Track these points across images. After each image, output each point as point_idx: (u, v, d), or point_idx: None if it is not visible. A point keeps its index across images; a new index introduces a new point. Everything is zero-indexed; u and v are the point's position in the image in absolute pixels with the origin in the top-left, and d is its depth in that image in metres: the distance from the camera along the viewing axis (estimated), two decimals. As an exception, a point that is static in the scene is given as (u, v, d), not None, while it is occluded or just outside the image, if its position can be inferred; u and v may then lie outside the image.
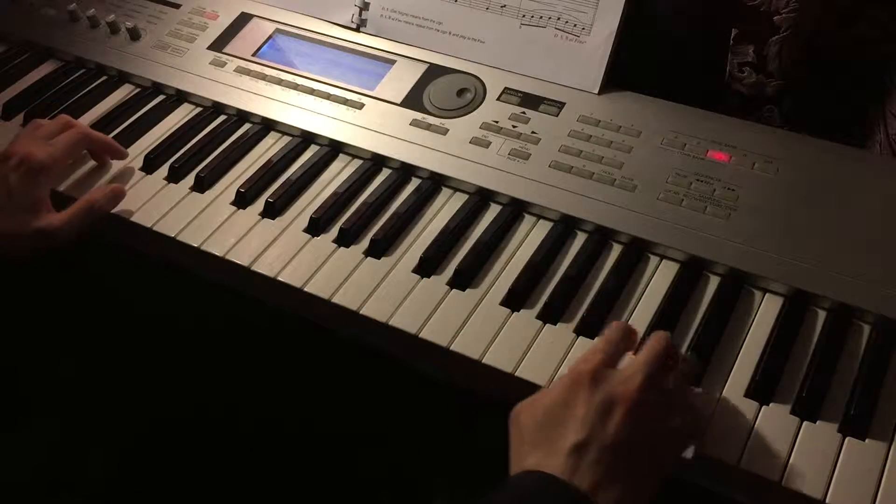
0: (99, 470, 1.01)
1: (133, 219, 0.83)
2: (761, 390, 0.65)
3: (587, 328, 0.70)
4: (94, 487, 0.99)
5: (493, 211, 0.81)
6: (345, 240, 0.79)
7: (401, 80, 0.92)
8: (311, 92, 0.92)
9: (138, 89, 0.99)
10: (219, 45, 0.99)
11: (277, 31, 1.00)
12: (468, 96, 0.89)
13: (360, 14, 0.97)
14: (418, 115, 0.88)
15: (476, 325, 0.71)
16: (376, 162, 0.87)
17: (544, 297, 0.73)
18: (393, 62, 0.94)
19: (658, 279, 0.74)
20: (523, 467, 0.56)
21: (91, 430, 1.03)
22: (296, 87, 0.93)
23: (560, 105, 0.87)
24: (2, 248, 0.79)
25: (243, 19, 1.01)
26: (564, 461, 0.55)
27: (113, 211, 0.84)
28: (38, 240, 0.79)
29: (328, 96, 0.92)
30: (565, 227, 0.79)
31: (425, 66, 0.93)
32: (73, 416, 1.04)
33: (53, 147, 0.84)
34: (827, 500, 0.59)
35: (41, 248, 0.81)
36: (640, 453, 0.56)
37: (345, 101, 0.91)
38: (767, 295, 0.72)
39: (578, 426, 0.56)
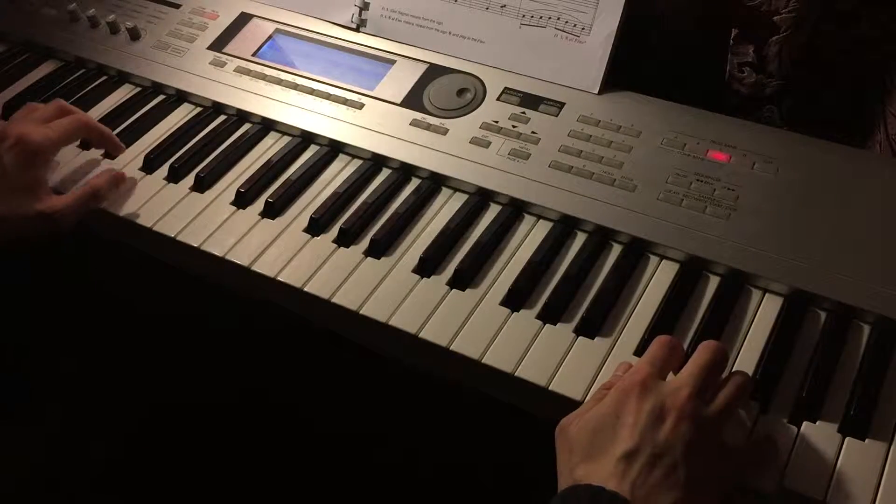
0: (99, 467, 1.01)
1: (133, 219, 0.83)
2: (761, 390, 0.65)
3: (587, 328, 0.70)
4: (93, 485, 0.99)
5: (493, 211, 0.81)
6: (345, 240, 0.79)
7: (401, 80, 0.92)
8: (311, 92, 0.92)
9: (138, 89, 0.99)
10: (219, 45, 0.99)
11: (277, 31, 1.00)
12: (468, 96, 0.89)
13: (360, 14, 0.97)
14: (418, 115, 0.88)
15: (476, 325, 0.71)
16: (376, 162, 0.87)
17: (544, 297, 0.73)
18: (393, 62, 0.94)
19: (658, 279, 0.74)
20: (573, 479, 0.56)
21: (91, 427, 1.03)
22: (296, 87, 0.93)
23: (560, 105, 0.87)
24: (3, 231, 0.78)
25: (243, 19, 1.01)
26: (614, 467, 0.54)
27: (113, 211, 0.84)
28: (39, 223, 0.79)
29: (328, 96, 0.92)
30: (565, 227, 0.79)
31: (425, 66, 0.93)
32: (73, 413, 1.04)
33: (50, 129, 0.83)
34: (827, 500, 0.58)
35: (42, 233, 0.80)
36: (693, 462, 0.55)
37: (345, 101, 0.91)
38: (767, 295, 0.72)
39: (628, 434, 0.56)
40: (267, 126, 0.92)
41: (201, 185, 0.85)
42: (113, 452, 1.02)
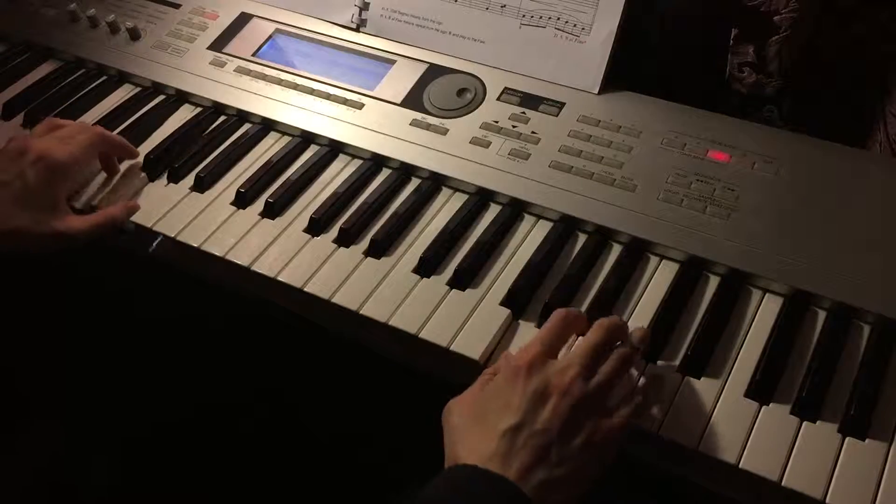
0: (101, 473, 1.01)
1: (133, 219, 0.83)
2: (761, 390, 0.65)
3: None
4: (96, 491, 0.99)
5: (493, 211, 0.81)
6: (345, 240, 0.79)
7: (401, 80, 0.92)
8: (311, 92, 0.93)
9: (138, 89, 0.99)
10: (219, 45, 0.99)
11: (277, 31, 1.00)
12: (468, 96, 0.89)
13: (360, 14, 0.97)
14: (418, 115, 0.88)
15: (476, 325, 0.71)
16: (376, 162, 0.87)
17: (544, 298, 0.73)
18: (393, 62, 0.94)
19: (658, 279, 0.74)
20: (455, 459, 0.57)
21: (93, 432, 1.03)
22: (296, 87, 0.93)
23: (560, 105, 0.87)
24: (19, 245, 0.78)
25: (243, 19, 1.01)
26: (497, 444, 0.56)
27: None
28: (55, 241, 0.79)
29: (328, 96, 0.92)
30: (565, 227, 0.79)
31: (425, 66, 0.93)
32: (74, 419, 1.04)
33: (72, 146, 0.82)
34: (827, 500, 0.59)
35: (55, 250, 0.80)
36: (574, 442, 0.57)
37: (345, 101, 0.91)
38: (767, 295, 0.72)
39: (512, 413, 0.57)
40: (267, 126, 0.92)
41: (201, 185, 0.85)
42: (114, 459, 1.02)
